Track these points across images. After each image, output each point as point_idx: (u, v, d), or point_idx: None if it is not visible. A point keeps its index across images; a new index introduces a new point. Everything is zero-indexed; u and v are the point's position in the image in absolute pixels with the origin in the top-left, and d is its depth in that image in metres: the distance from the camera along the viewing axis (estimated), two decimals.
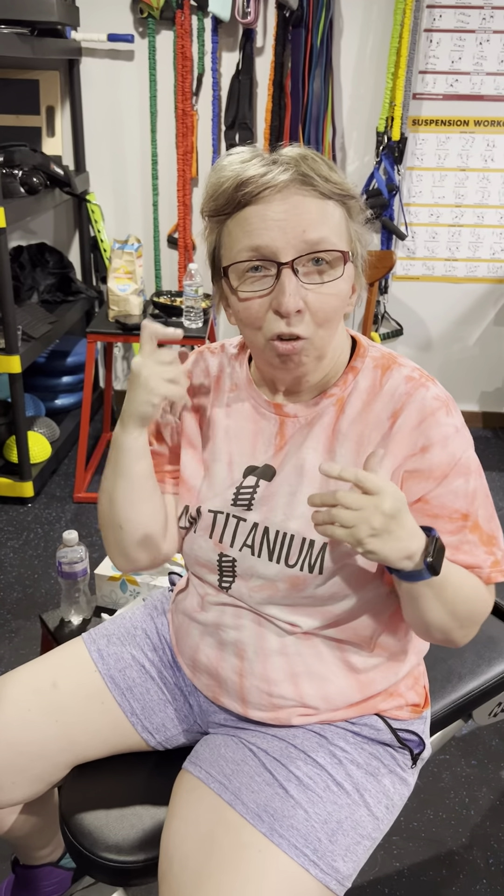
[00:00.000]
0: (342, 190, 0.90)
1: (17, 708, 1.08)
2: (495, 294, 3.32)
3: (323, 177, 0.88)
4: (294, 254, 0.87)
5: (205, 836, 0.92)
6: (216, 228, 0.93)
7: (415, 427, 0.93)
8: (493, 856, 1.59)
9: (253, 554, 0.99)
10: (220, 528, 1.01)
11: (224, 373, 1.07)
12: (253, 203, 0.88)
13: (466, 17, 2.89)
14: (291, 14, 2.79)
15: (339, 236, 0.90)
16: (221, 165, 0.91)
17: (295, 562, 0.96)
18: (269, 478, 1.00)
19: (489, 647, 1.38)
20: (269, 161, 0.88)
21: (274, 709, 1.02)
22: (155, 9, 2.87)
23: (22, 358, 2.57)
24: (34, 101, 3.03)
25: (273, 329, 0.90)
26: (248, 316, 0.91)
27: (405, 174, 3.13)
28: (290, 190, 0.87)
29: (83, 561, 1.56)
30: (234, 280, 0.91)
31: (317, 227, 0.87)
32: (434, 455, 0.93)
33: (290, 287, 0.87)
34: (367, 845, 0.97)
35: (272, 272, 0.88)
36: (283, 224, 0.87)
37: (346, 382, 0.98)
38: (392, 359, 0.99)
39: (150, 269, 3.30)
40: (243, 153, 0.91)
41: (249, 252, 0.89)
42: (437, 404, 0.94)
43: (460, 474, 0.94)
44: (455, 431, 0.94)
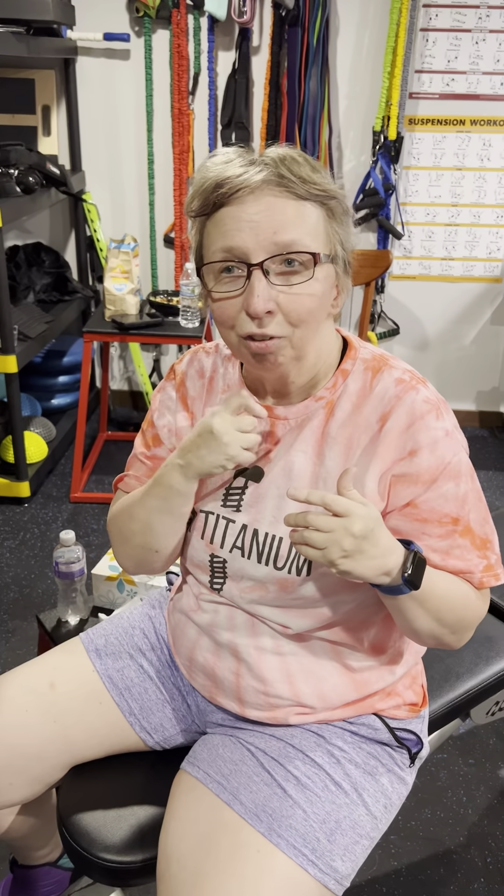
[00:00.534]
0: (322, 190, 0.88)
1: (15, 709, 1.08)
2: (492, 293, 3.32)
3: (300, 178, 0.87)
4: (264, 255, 0.87)
5: (203, 836, 0.92)
6: (199, 228, 0.93)
7: (403, 431, 0.93)
8: (490, 855, 1.59)
9: (243, 556, 0.99)
10: (210, 529, 1.01)
11: (217, 373, 1.07)
12: (228, 204, 0.88)
13: (462, 17, 2.89)
14: (288, 13, 2.79)
15: (315, 238, 0.89)
16: (205, 166, 0.91)
17: (283, 564, 0.96)
18: (257, 479, 1.00)
19: (487, 647, 1.38)
20: (248, 161, 0.88)
21: (271, 708, 1.02)
22: (151, 8, 2.86)
23: (18, 358, 2.56)
24: (30, 100, 3.02)
25: (245, 329, 0.90)
26: (221, 315, 0.92)
27: (401, 173, 3.13)
28: (264, 191, 0.86)
29: (80, 561, 1.56)
30: (210, 280, 0.92)
31: (289, 228, 0.87)
32: (422, 459, 0.92)
33: (258, 288, 0.87)
34: (366, 845, 0.97)
35: (244, 273, 0.88)
36: (254, 225, 0.86)
37: (336, 385, 0.97)
38: (383, 361, 0.98)
39: (146, 268, 3.30)
40: (227, 154, 0.91)
41: (222, 252, 0.89)
42: (426, 407, 0.93)
43: (450, 478, 0.93)
44: (445, 435, 0.93)
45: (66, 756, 1.10)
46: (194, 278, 2.64)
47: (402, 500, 0.94)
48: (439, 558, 0.96)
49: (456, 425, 0.97)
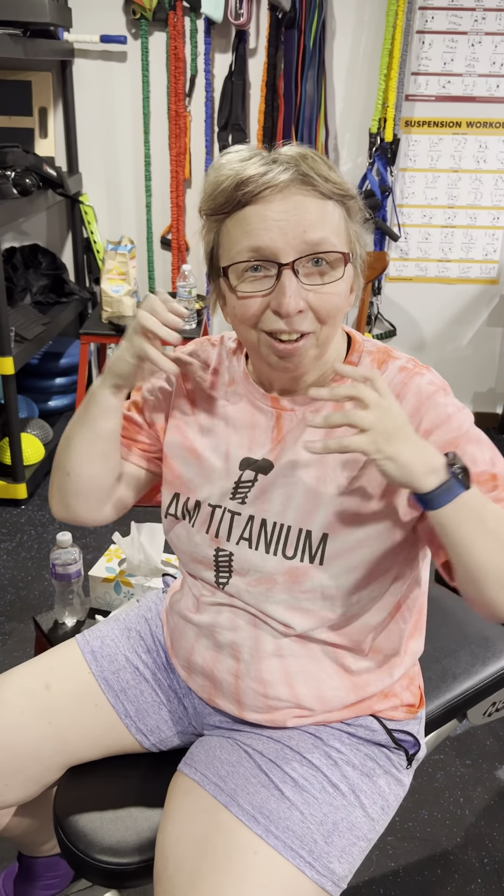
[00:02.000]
0: (342, 190, 0.89)
1: (10, 710, 1.08)
2: (488, 295, 3.33)
3: (323, 176, 0.87)
4: (294, 255, 0.87)
5: (200, 837, 0.92)
6: (214, 227, 0.92)
7: (413, 413, 0.93)
8: (487, 855, 1.59)
9: (250, 547, 0.98)
10: (216, 523, 1.01)
11: (223, 366, 1.07)
12: (253, 203, 0.87)
13: (458, 19, 2.90)
14: (284, 15, 2.80)
15: (339, 237, 0.90)
16: (220, 164, 0.90)
17: (293, 553, 0.96)
18: (266, 472, 0.99)
19: (483, 647, 1.39)
20: (269, 160, 0.88)
21: (269, 710, 1.02)
22: (147, 10, 2.87)
23: (15, 359, 2.56)
24: (26, 102, 3.03)
25: (270, 325, 0.90)
26: (244, 313, 0.91)
27: (398, 175, 3.13)
28: (291, 190, 0.86)
29: (77, 563, 1.55)
30: (234, 279, 0.91)
31: (317, 227, 0.87)
32: (439, 435, 0.92)
33: (290, 288, 0.87)
34: (363, 846, 0.97)
35: (272, 273, 0.88)
36: (283, 224, 0.86)
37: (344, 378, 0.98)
38: (387, 352, 1.00)
39: (143, 270, 3.30)
40: (242, 152, 0.91)
41: (249, 252, 0.88)
42: (432, 388, 0.95)
43: (470, 442, 0.93)
44: (456, 410, 0.94)
45: (62, 757, 1.10)
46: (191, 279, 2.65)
47: None
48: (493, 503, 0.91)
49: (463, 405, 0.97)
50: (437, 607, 1.44)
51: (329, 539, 0.94)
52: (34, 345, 2.74)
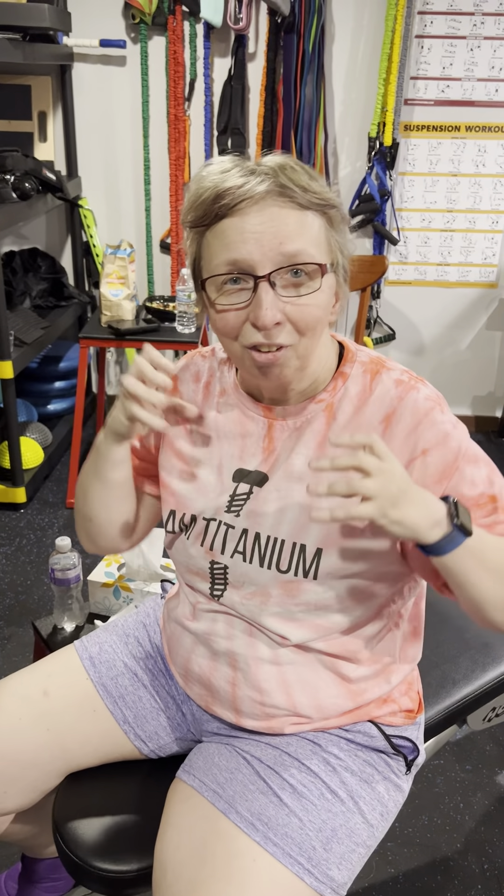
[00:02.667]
0: (322, 200, 0.88)
1: (8, 717, 1.07)
2: (487, 298, 3.33)
3: (301, 187, 0.86)
4: (271, 267, 0.86)
5: (199, 844, 0.91)
6: (197, 239, 0.92)
7: (412, 431, 0.93)
8: (488, 861, 1.59)
9: (245, 560, 0.98)
10: (211, 536, 1.01)
11: (214, 377, 1.07)
12: (230, 215, 0.86)
13: (457, 24, 2.91)
14: (283, 20, 2.80)
15: (318, 247, 0.89)
16: (201, 176, 0.90)
17: (287, 567, 0.95)
18: (260, 484, 0.99)
19: (483, 653, 1.38)
20: (248, 171, 0.87)
21: (267, 718, 1.01)
22: (147, 14, 2.87)
23: (14, 363, 2.56)
24: (26, 106, 3.03)
25: (250, 339, 0.89)
26: (224, 327, 0.91)
27: (397, 179, 3.14)
28: (268, 201, 0.85)
29: (76, 567, 1.55)
30: (213, 292, 0.91)
31: (294, 239, 0.86)
32: (438, 456, 0.92)
33: (266, 301, 0.86)
34: (362, 853, 0.96)
35: (249, 285, 0.87)
36: (259, 237, 0.86)
37: (336, 388, 0.97)
38: (380, 363, 0.99)
39: (142, 274, 3.30)
40: (224, 163, 0.90)
41: (227, 265, 0.88)
42: (429, 404, 0.94)
43: (469, 462, 0.94)
44: (453, 427, 0.94)
45: (61, 764, 1.09)
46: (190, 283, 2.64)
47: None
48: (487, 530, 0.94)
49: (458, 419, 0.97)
50: (436, 613, 1.43)
51: (323, 554, 0.94)
52: (33, 349, 2.74)
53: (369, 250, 3.23)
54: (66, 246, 3.32)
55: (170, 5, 2.85)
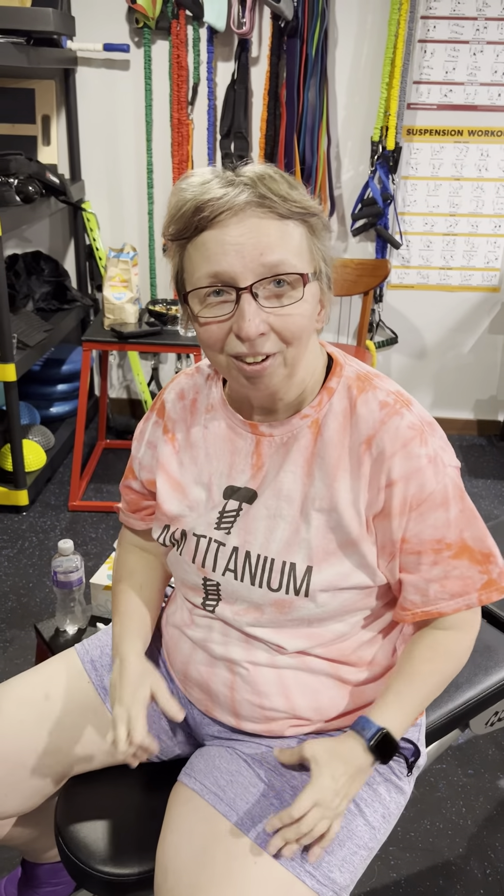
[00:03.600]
0: (302, 208, 0.87)
1: (10, 720, 1.07)
2: (489, 302, 3.33)
3: (281, 196, 0.85)
4: (253, 278, 0.85)
5: (200, 847, 0.91)
6: (178, 252, 0.91)
7: (387, 459, 0.91)
8: (490, 866, 1.58)
9: (236, 578, 0.98)
10: (202, 553, 1.00)
11: (200, 395, 1.06)
12: (210, 227, 0.85)
13: (460, 28, 2.91)
14: (286, 24, 2.81)
15: (300, 257, 0.87)
16: (181, 188, 0.88)
17: (278, 586, 0.95)
18: (250, 501, 0.99)
19: (486, 657, 1.38)
20: (227, 182, 0.86)
21: (266, 721, 1.01)
22: (150, 19, 2.88)
23: (17, 366, 2.56)
24: (30, 109, 3.04)
25: (234, 349, 0.88)
26: (208, 339, 0.90)
27: (400, 183, 3.14)
28: (247, 212, 0.84)
29: (78, 570, 1.55)
30: (196, 305, 0.90)
31: (275, 249, 0.85)
32: (401, 489, 0.91)
33: (249, 312, 0.85)
34: (364, 855, 0.96)
35: (232, 297, 0.87)
36: (240, 248, 0.84)
37: (321, 403, 0.96)
38: (367, 380, 0.97)
39: (145, 277, 3.30)
40: (204, 174, 0.89)
41: (209, 278, 0.87)
42: (410, 434, 0.92)
43: (436, 506, 0.92)
44: (428, 462, 0.92)
45: (62, 768, 1.09)
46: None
47: (389, 536, 0.93)
48: (438, 586, 0.95)
49: (443, 445, 0.96)
50: None
51: (314, 571, 0.94)
52: (36, 351, 2.74)
53: (372, 254, 3.23)
54: (70, 249, 3.32)
55: (173, 9, 2.86)
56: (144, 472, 1.11)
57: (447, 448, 0.96)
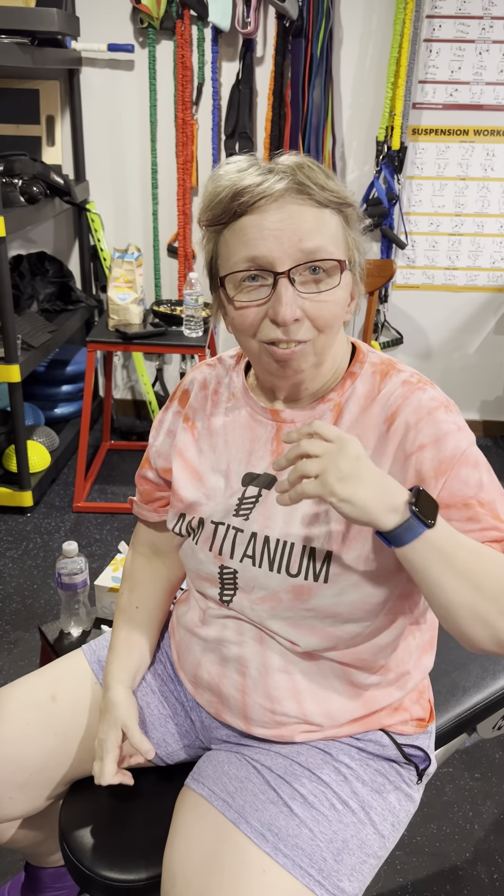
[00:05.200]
0: (339, 198, 0.89)
1: (16, 722, 1.07)
2: (495, 303, 3.32)
3: (319, 185, 0.87)
4: (290, 263, 0.87)
5: (208, 854, 0.90)
6: (213, 238, 0.92)
7: (412, 427, 0.91)
8: (497, 871, 1.57)
9: (254, 564, 0.97)
10: (219, 540, 1.00)
11: (222, 384, 1.07)
12: (249, 213, 0.87)
13: (466, 28, 2.90)
14: (291, 24, 2.80)
15: (336, 245, 0.89)
16: (218, 175, 0.90)
17: (297, 571, 0.95)
18: (269, 487, 0.99)
19: (494, 660, 1.37)
20: (266, 170, 0.88)
21: (277, 726, 1.00)
22: (155, 19, 2.87)
23: (21, 367, 2.56)
24: (34, 110, 3.03)
25: (269, 335, 0.89)
26: (242, 323, 0.91)
27: (405, 183, 3.13)
28: (286, 199, 0.86)
29: (83, 572, 1.54)
30: (231, 289, 0.91)
31: (313, 236, 0.87)
32: (432, 452, 0.90)
33: (286, 297, 0.87)
34: (373, 864, 0.95)
35: (269, 282, 0.88)
36: (279, 234, 0.86)
37: (344, 388, 0.97)
38: (391, 364, 0.98)
39: (149, 278, 3.30)
40: (240, 162, 0.90)
41: (246, 262, 0.88)
42: (433, 404, 0.92)
43: (466, 464, 0.91)
44: (457, 429, 0.92)
45: (68, 770, 1.09)
46: (198, 287, 2.64)
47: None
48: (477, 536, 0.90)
49: (465, 423, 0.95)
50: None
51: (333, 557, 0.93)
52: (41, 352, 2.74)
53: (377, 254, 3.22)
54: (74, 250, 3.32)
55: (178, 9, 2.85)
56: (161, 459, 1.11)
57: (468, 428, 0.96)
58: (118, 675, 1.09)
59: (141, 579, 1.19)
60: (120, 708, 1.05)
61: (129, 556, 1.22)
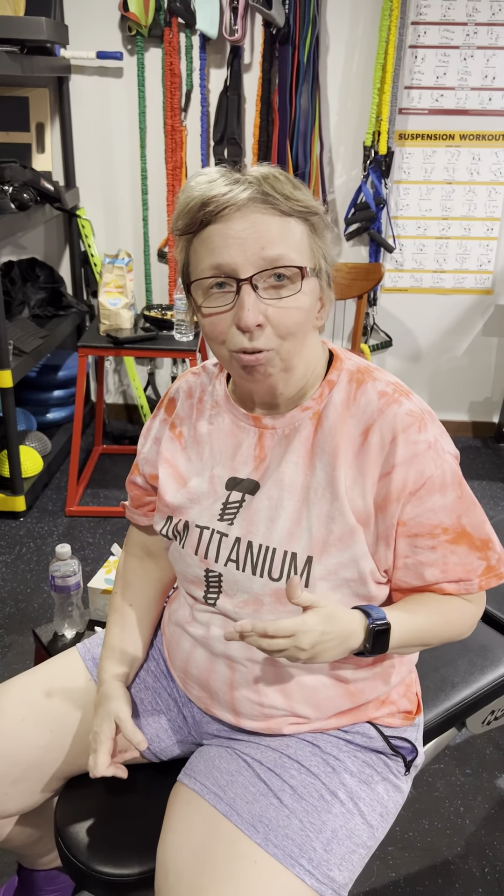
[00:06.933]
0: (304, 207, 0.91)
1: (11, 719, 1.08)
2: (483, 305, 3.35)
3: (284, 195, 0.89)
4: (253, 270, 0.89)
5: (200, 847, 0.92)
6: (185, 246, 0.95)
7: (386, 445, 0.94)
8: (488, 865, 1.59)
9: (238, 569, 0.99)
10: (205, 544, 1.02)
11: (206, 392, 1.09)
12: (215, 221, 0.89)
13: (450, 34, 2.94)
14: (278, 31, 2.83)
15: (300, 252, 0.91)
16: (189, 186, 0.93)
17: (279, 575, 0.97)
18: (252, 492, 1.01)
19: (481, 656, 1.39)
20: (233, 180, 0.90)
21: (265, 718, 1.02)
22: (143, 27, 2.90)
23: (13, 372, 2.57)
24: (24, 117, 3.05)
25: (236, 343, 0.91)
26: (212, 331, 0.93)
27: (392, 187, 3.16)
28: (250, 208, 0.88)
29: (76, 574, 1.56)
30: (199, 297, 0.93)
31: (276, 243, 0.89)
32: (402, 474, 0.93)
33: (248, 302, 0.89)
34: (363, 854, 0.97)
35: (233, 288, 0.90)
36: (242, 242, 0.88)
37: (322, 396, 0.99)
38: (367, 372, 1.00)
39: (140, 283, 3.32)
40: (210, 173, 0.93)
41: (212, 269, 0.90)
42: (409, 420, 0.94)
43: (434, 491, 0.94)
44: (427, 447, 0.94)
45: (63, 766, 1.10)
46: None
47: (391, 519, 0.95)
48: (439, 571, 0.96)
49: (442, 433, 0.98)
50: None
51: (314, 562, 0.95)
52: (32, 358, 2.75)
53: (365, 258, 3.25)
54: (65, 256, 3.34)
55: (166, 17, 2.88)
56: (147, 466, 1.13)
57: (445, 436, 0.99)
58: (112, 670, 1.11)
59: (134, 579, 1.20)
60: (113, 701, 1.07)
61: (123, 557, 1.24)
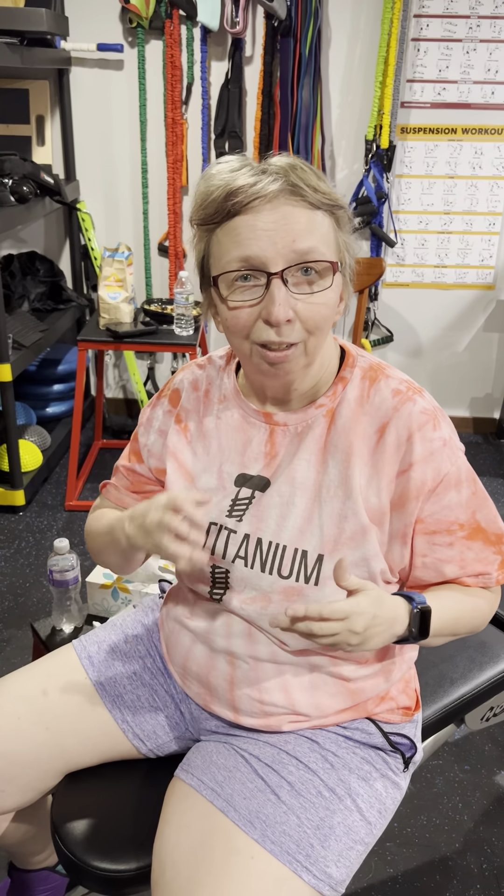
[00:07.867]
0: (330, 200, 0.90)
1: (7, 716, 1.08)
2: (484, 300, 3.34)
3: (312, 187, 0.88)
4: (284, 264, 0.87)
5: (197, 843, 0.92)
6: (205, 237, 0.93)
7: (402, 444, 0.94)
8: (486, 861, 1.59)
9: (246, 565, 0.99)
10: (212, 540, 1.01)
11: (213, 385, 1.08)
12: (242, 213, 0.87)
13: (453, 27, 2.92)
14: (280, 23, 2.81)
15: (328, 246, 0.90)
16: (210, 174, 0.91)
17: (289, 573, 0.96)
18: (263, 489, 1.00)
19: (481, 652, 1.39)
20: (259, 171, 0.88)
21: (265, 716, 1.02)
22: (144, 18, 2.88)
23: (13, 366, 2.56)
24: (24, 110, 3.04)
25: (261, 336, 0.90)
26: (235, 324, 0.91)
27: (394, 182, 3.15)
28: (280, 200, 0.87)
29: (74, 569, 1.55)
30: (224, 289, 0.91)
31: (306, 237, 0.87)
32: (419, 472, 0.94)
33: (279, 297, 0.87)
34: (360, 850, 0.96)
35: (262, 282, 0.88)
36: (272, 234, 0.87)
37: (336, 393, 0.98)
38: (380, 369, 1.00)
39: (140, 277, 3.30)
40: (232, 162, 0.91)
41: (239, 262, 0.88)
42: (424, 419, 0.94)
43: (450, 487, 0.95)
44: (442, 445, 0.95)
45: (60, 763, 1.10)
46: (188, 286, 2.65)
47: (409, 517, 0.95)
48: (458, 567, 0.98)
49: (453, 431, 0.98)
50: None
51: (325, 560, 0.95)
52: (32, 352, 2.74)
53: (367, 252, 3.24)
54: (65, 249, 3.32)
55: (167, 9, 2.86)
56: (153, 459, 1.12)
57: (455, 433, 1.00)
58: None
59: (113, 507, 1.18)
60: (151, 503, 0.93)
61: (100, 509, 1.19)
